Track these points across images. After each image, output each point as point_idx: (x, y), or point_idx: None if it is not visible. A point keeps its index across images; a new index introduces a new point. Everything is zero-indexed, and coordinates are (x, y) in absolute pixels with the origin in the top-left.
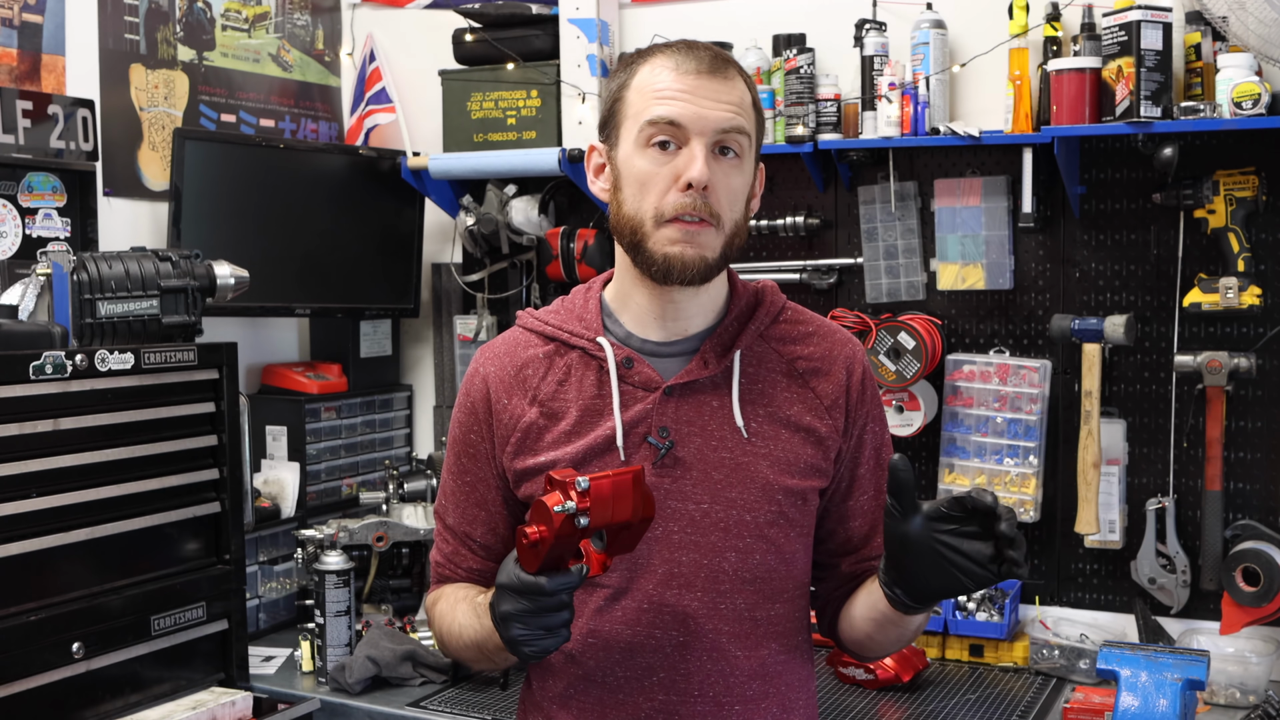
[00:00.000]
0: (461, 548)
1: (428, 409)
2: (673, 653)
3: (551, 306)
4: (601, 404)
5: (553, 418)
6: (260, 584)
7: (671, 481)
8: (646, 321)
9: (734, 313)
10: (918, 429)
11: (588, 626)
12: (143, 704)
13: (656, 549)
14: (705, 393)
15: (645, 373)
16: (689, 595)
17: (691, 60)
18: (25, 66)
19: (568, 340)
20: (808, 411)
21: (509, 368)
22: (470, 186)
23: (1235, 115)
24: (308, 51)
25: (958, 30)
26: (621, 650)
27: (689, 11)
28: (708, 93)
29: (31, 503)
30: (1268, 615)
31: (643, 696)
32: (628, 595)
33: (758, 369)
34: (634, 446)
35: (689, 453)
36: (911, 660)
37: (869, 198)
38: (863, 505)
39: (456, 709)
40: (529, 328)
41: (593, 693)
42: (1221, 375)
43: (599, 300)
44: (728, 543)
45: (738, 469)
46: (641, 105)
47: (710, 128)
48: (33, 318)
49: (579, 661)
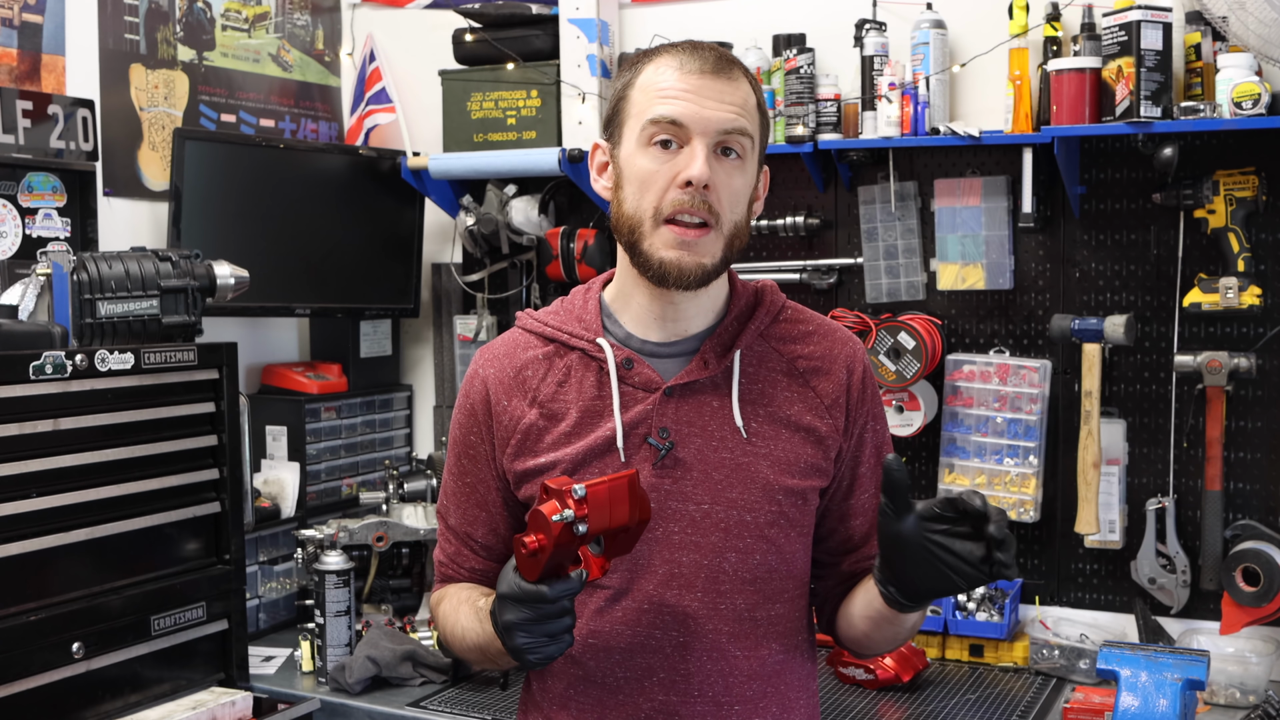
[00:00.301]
0: (463, 548)
1: (428, 409)
2: (673, 653)
3: (551, 307)
4: (601, 405)
5: (552, 419)
6: (260, 584)
7: (672, 482)
8: (646, 322)
9: (734, 313)
10: (918, 429)
11: (588, 627)
12: (143, 704)
13: (657, 550)
14: (705, 393)
15: (645, 373)
16: (689, 596)
17: (695, 60)
18: (25, 66)
19: (567, 341)
20: (808, 411)
21: (508, 369)
22: (470, 186)
23: (1235, 115)
24: (308, 51)
25: (958, 30)
26: (622, 651)
27: (689, 11)
28: (711, 93)
29: (31, 503)
30: (1268, 615)
31: (643, 697)
32: (628, 596)
33: (758, 369)
34: (634, 447)
35: (689, 453)
36: (911, 660)
37: (869, 198)
38: (863, 504)
39: (456, 709)
40: (528, 329)
41: (592, 693)
42: (1221, 375)
43: (598, 301)
44: (728, 543)
45: (738, 469)
46: (644, 104)
47: (712, 128)
48: (33, 318)
49: (579, 662)
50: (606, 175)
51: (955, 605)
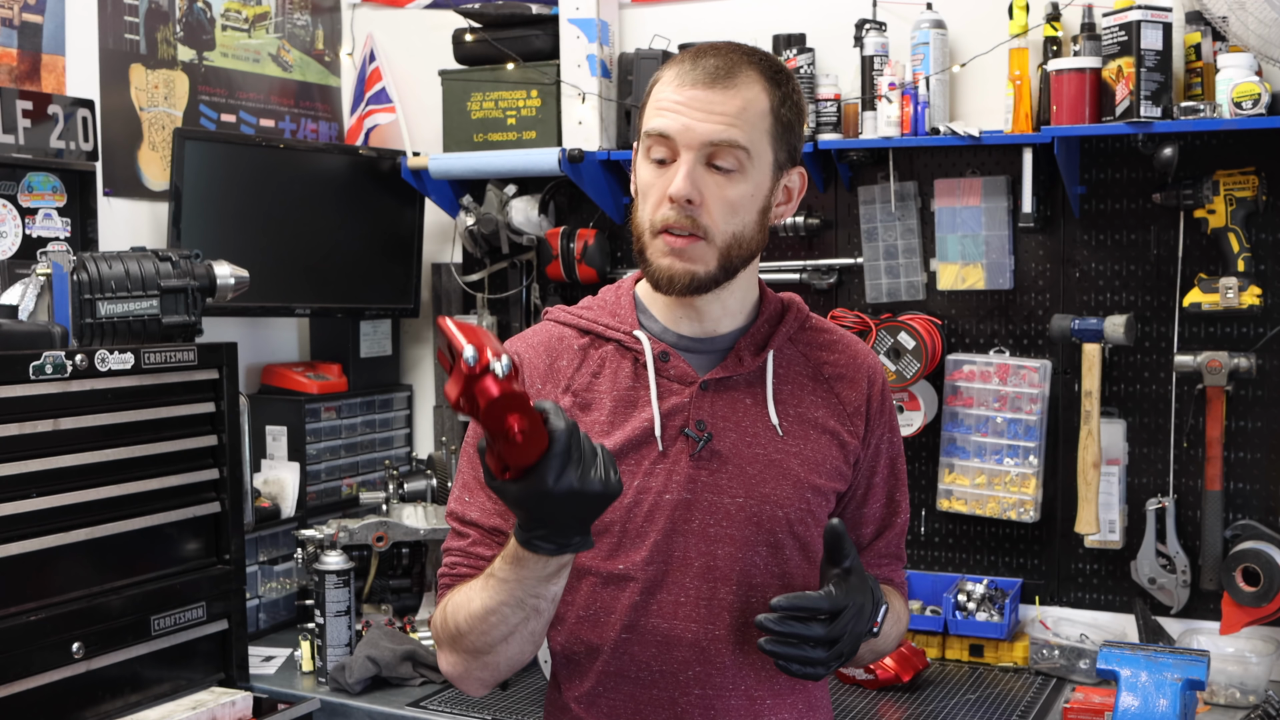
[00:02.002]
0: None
1: (428, 409)
2: (709, 646)
3: (583, 302)
4: (635, 395)
5: (586, 408)
6: (260, 584)
7: (709, 474)
8: (676, 318)
9: (765, 315)
10: (918, 429)
11: (623, 621)
12: (143, 704)
13: (693, 542)
14: (739, 389)
15: (681, 367)
16: (724, 589)
17: (693, 71)
18: (25, 66)
19: (603, 333)
20: (832, 415)
21: (543, 357)
22: (470, 186)
23: (1235, 115)
24: (308, 51)
25: (958, 30)
26: (658, 645)
27: (689, 11)
28: (701, 104)
29: (31, 503)
30: (1268, 615)
31: (679, 691)
32: (663, 589)
33: (787, 370)
34: (671, 438)
35: (725, 446)
36: (911, 660)
37: (869, 198)
38: (874, 512)
39: (456, 709)
40: (562, 321)
41: (625, 689)
42: (1221, 375)
43: (632, 296)
44: (760, 537)
45: (771, 465)
46: (647, 116)
47: (697, 141)
48: (33, 318)
49: (612, 658)
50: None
51: (955, 605)
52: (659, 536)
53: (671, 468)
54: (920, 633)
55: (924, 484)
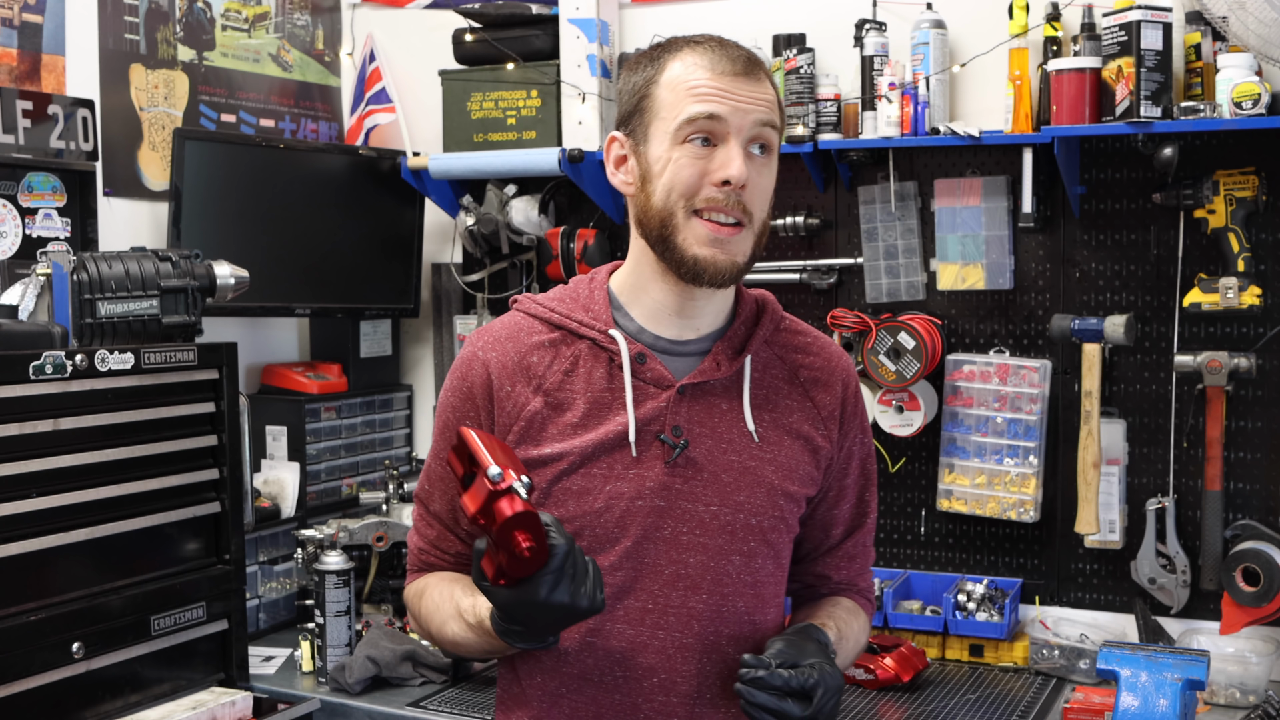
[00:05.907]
0: (448, 533)
1: (428, 409)
2: (675, 654)
3: (553, 293)
4: (610, 398)
5: (558, 408)
6: (260, 584)
7: (683, 482)
8: (660, 317)
9: (742, 316)
10: (918, 429)
11: (589, 625)
12: (143, 704)
13: (664, 550)
14: (716, 395)
15: (658, 370)
16: (695, 597)
17: (726, 61)
18: (25, 66)
19: (576, 330)
20: (806, 420)
21: (512, 354)
22: (470, 186)
23: (1235, 115)
24: (308, 51)
25: (958, 30)
26: (623, 650)
27: (689, 11)
28: (744, 91)
29: (31, 503)
30: (1268, 615)
31: (641, 698)
32: (631, 595)
33: (763, 374)
34: (646, 444)
35: (700, 453)
36: (911, 660)
37: (869, 198)
38: (845, 513)
39: (456, 709)
40: (531, 314)
41: (588, 692)
42: (1221, 375)
43: (606, 291)
44: (733, 546)
45: (745, 473)
46: (676, 101)
47: (749, 122)
48: (33, 318)
49: (576, 660)
50: (626, 170)
51: (955, 606)
52: (630, 543)
53: (645, 473)
54: (920, 633)
55: (924, 484)
